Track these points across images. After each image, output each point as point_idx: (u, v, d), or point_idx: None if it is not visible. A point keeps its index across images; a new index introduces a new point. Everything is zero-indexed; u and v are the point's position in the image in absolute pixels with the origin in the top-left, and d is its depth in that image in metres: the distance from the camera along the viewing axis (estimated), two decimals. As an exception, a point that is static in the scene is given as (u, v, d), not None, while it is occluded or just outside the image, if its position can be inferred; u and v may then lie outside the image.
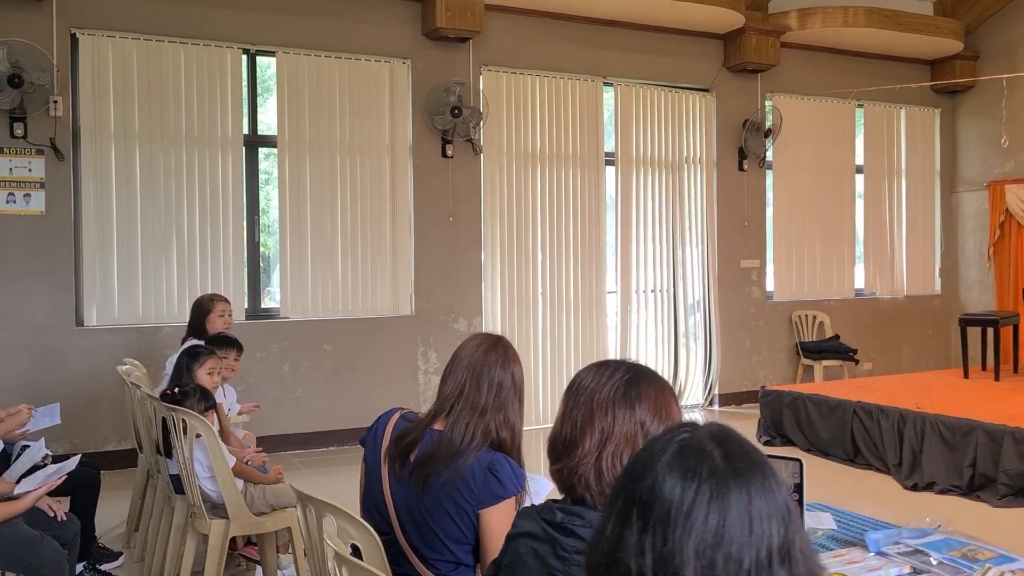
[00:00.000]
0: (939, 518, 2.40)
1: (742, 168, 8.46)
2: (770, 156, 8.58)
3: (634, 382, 1.58)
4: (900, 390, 6.62)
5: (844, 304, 9.02)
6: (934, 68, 9.40)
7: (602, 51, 7.75)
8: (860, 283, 9.26)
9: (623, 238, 7.92)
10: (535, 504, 2.27)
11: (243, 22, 6.48)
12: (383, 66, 6.97)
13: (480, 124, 7.14)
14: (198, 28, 6.35)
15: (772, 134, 8.41)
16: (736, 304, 8.44)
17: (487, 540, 2.11)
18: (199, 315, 4.79)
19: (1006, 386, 6.88)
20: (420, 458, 2.15)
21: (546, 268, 7.56)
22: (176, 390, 3.65)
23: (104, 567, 4.02)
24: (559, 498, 1.63)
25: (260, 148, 6.78)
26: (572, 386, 1.63)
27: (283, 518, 3.65)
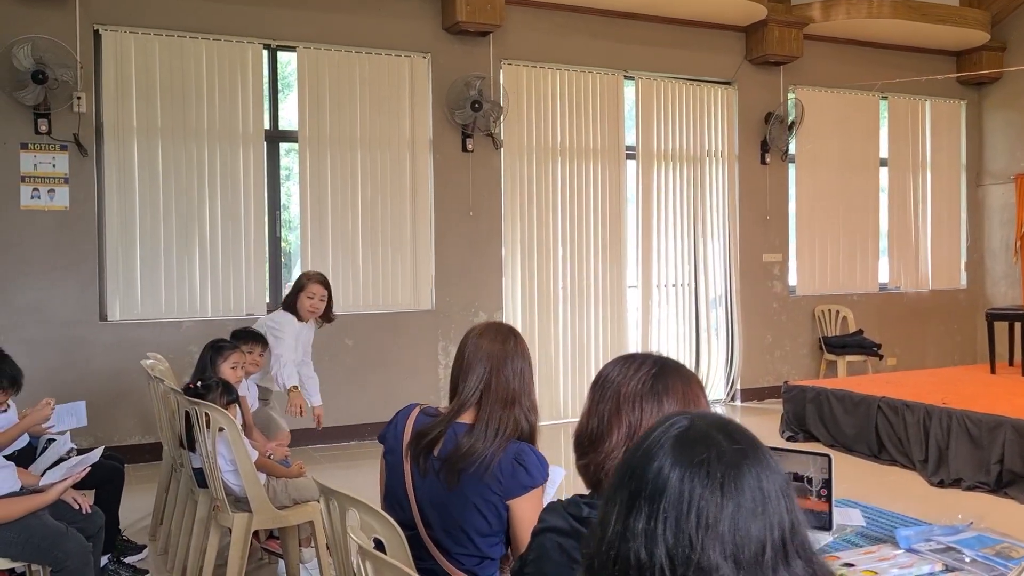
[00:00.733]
0: (971, 515, 2.36)
1: (764, 161, 8.39)
2: (792, 149, 8.50)
3: (661, 375, 1.56)
4: (925, 385, 6.54)
5: (868, 298, 8.92)
6: (960, 59, 9.27)
7: (623, 44, 7.70)
8: (884, 277, 9.16)
9: (644, 232, 7.87)
10: (550, 491, 2.27)
11: (264, 17, 6.49)
12: (403, 60, 6.97)
13: (500, 118, 7.12)
14: (219, 23, 6.37)
15: (795, 127, 8.33)
16: (758, 298, 8.38)
17: (518, 530, 2.10)
18: (293, 291, 4.57)
19: (1034, 381, 6.79)
20: (450, 454, 2.12)
21: (566, 262, 7.53)
22: (199, 384, 3.66)
23: (128, 559, 4.04)
24: (585, 493, 1.61)
25: (281, 143, 6.80)
26: (599, 380, 1.61)
27: (306, 512, 3.66)
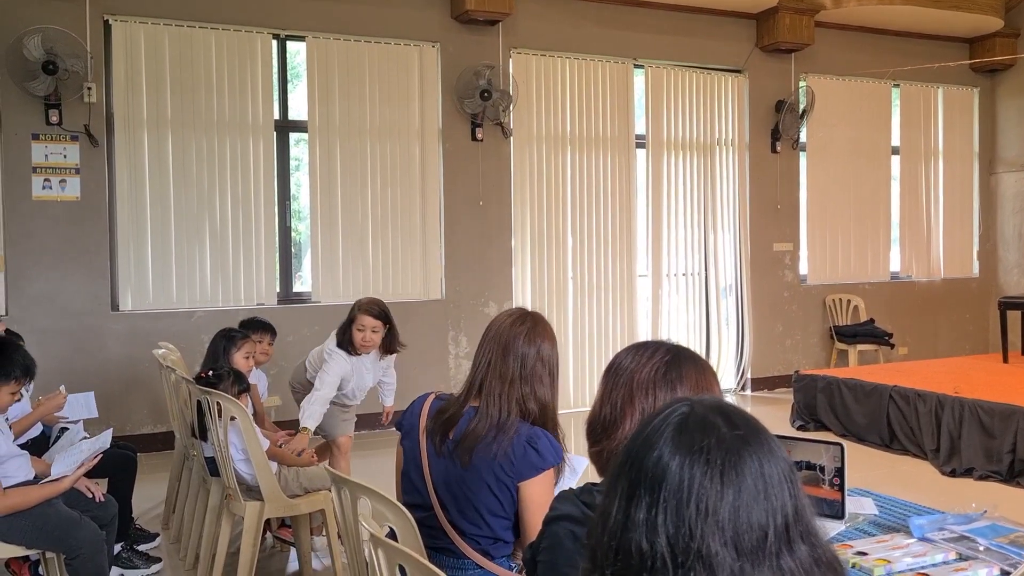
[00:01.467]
0: (985, 504, 2.35)
1: (775, 150, 8.34)
2: (804, 138, 8.45)
3: (675, 363, 1.56)
4: (937, 374, 6.51)
5: (879, 287, 8.88)
6: (973, 46, 9.18)
7: (632, 33, 7.66)
8: (896, 266, 9.11)
9: (654, 221, 7.85)
10: (571, 480, 2.27)
11: (273, 7, 6.48)
12: (412, 50, 6.95)
13: (510, 107, 7.10)
14: (228, 13, 6.36)
15: (806, 115, 8.28)
16: (769, 288, 8.35)
17: (527, 513, 2.13)
18: (345, 322, 4.28)
19: (1047, 371, 6.76)
20: (462, 435, 2.16)
21: (577, 252, 7.52)
22: (211, 373, 3.67)
23: (141, 547, 4.07)
24: (598, 481, 1.61)
25: (291, 133, 6.80)
26: (611, 367, 1.61)
27: (317, 500, 3.67)
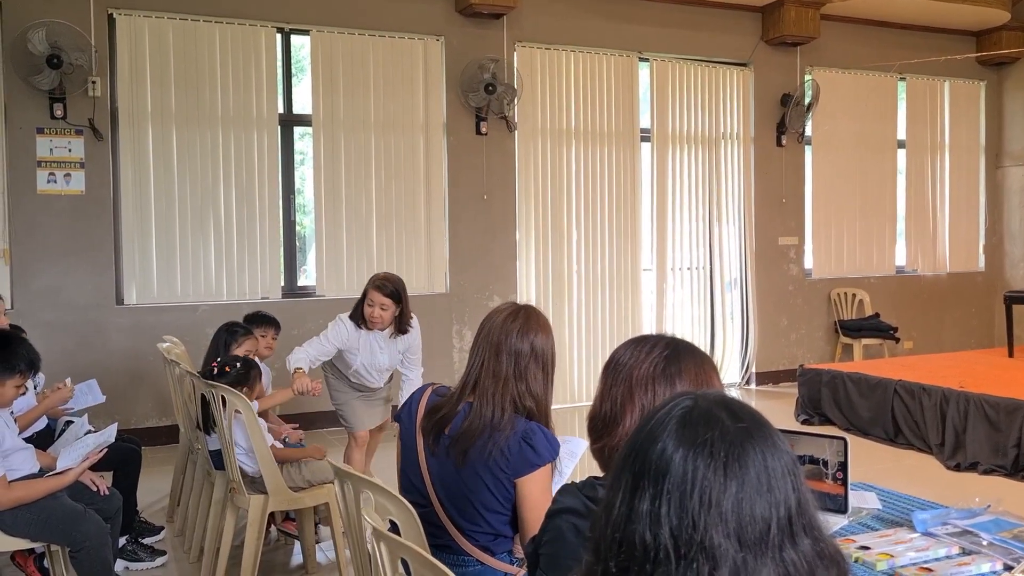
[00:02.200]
0: (988, 498, 2.34)
1: (780, 144, 8.32)
2: (809, 131, 8.42)
3: (673, 357, 1.56)
4: (942, 369, 6.49)
5: (884, 281, 8.86)
6: (979, 39, 9.14)
7: (637, 26, 7.64)
8: (901, 260, 9.08)
9: (659, 215, 7.83)
10: (570, 464, 2.28)
11: (277, 0, 6.47)
12: (416, 43, 6.94)
13: (514, 101, 7.09)
14: (232, 7, 6.36)
15: (811, 108, 8.25)
16: (774, 282, 8.33)
17: (524, 509, 2.12)
18: (361, 296, 4.19)
19: (1053, 365, 6.73)
20: (457, 433, 2.15)
21: (581, 246, 7.51)
22: (237, 365, 3.67)
23: (146, 541, 4.09)
24: (600, 474, 1.61)
25: (295, 127, 6.79)
26: (610, 363, 1.60)
27: (321, 494, 3.68)
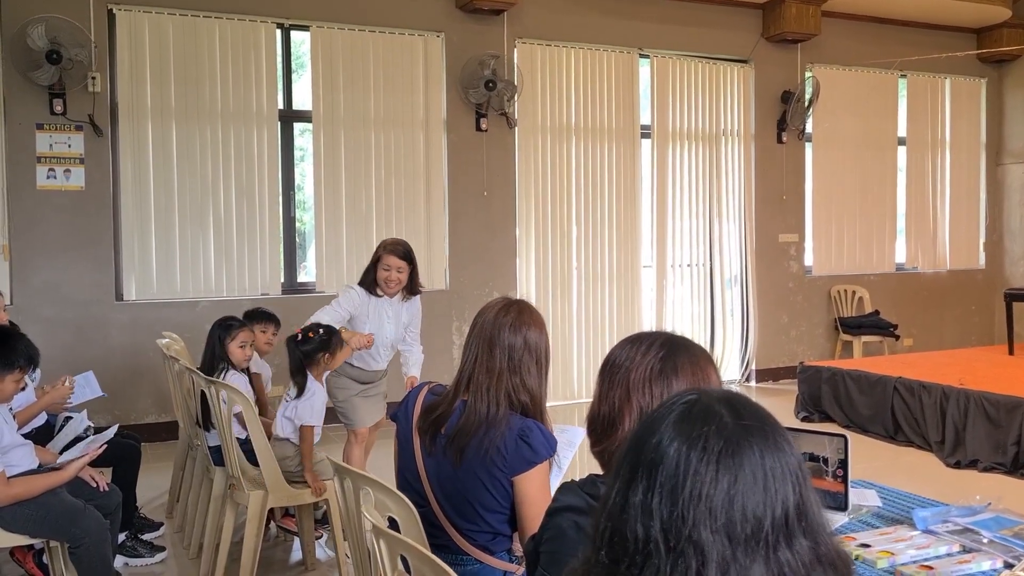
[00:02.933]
0: (989, 496, 2.34)
1: (781, 141, 8.31)
2: (809, 128, 8.41)
3: (670, 356, 1.55)
4: (942, 366, 6.49)
5: (885, 279, 8.85)
6: (980, 36, 9.13)
7: (638, 22, 7.62)
8: (901, 257, 9.08)
9: (659, 212, 7.83)
10: (568, 454, 2.27)
11: (277, -4, 6.46)
12: (417, 39, 6.92)
13: (515, 97, 7.07)
14: (232, 2, 6.34)
15: (812, 105, 8.23)
16: (774, 279, 8.33)
17: (523, 507, 2.11)
18: (371, 262, 4.23)
19: (1053, 363, 6.73)
20: (453, 431, 2.14)
21: (581, 242, 7.50)
22: (320, 331, 3.71)
23: (146, 536, 4.08)
24: (602, 473, 1.61)
25: (295, 123, 6.78)
26: (607, 364, 1.59)
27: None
